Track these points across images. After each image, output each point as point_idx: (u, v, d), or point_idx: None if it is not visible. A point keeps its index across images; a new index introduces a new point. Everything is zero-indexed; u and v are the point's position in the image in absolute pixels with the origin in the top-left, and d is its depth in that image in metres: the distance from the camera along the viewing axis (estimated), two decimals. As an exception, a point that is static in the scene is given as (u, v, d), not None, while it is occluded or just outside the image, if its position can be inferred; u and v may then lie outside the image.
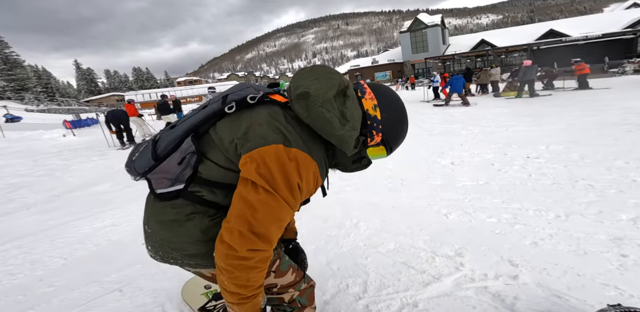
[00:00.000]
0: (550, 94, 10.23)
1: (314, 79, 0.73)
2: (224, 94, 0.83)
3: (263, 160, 0.66)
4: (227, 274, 0.68)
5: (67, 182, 4.51)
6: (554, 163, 3.29)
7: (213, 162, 0.75)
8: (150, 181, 0.80)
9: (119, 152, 7.03)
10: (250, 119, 0.73)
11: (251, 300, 0.73)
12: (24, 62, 52.44)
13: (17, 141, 9.75)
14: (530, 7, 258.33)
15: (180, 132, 0.78)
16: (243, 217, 0.65)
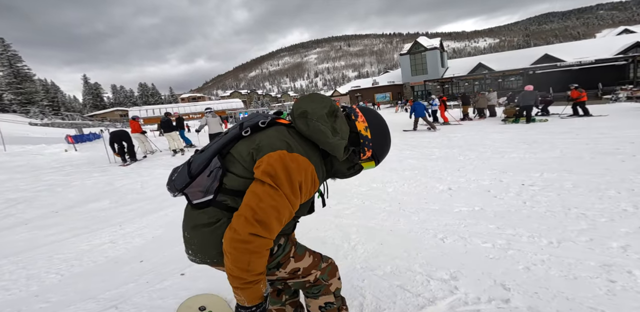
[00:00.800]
0: (547, 119, 10.43)
1: (310, 102, 0.95)
2: (240, 123, 1.02)
3: (270, 162, 0.83)
4: (230, 257, 0.80)
5: (67, 198, 4.54)
6: (548, 191, 3.37)
7: (234, 174, 0.91)
8: (187, 194, 0.97)
9: (119, 168, 7.08)
10: (262, 135, 0.93)
11: (253, 285, 0.84)
12: (34, 76, 53.74)
13: (19, 155, 9.84)
14: (525, 31, 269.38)
15: (209, 154, 0.96)
16: (249, 206, 0.80)
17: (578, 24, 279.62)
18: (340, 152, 0.94)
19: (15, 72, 50.03)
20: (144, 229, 3.22)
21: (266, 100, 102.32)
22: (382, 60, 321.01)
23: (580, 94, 10.49)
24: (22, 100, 49.69)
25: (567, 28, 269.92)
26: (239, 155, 0.91)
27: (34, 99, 50.93)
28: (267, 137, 0.91)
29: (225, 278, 2.15)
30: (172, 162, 7.66)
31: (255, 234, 0.78)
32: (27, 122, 36.36)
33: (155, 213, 3.72)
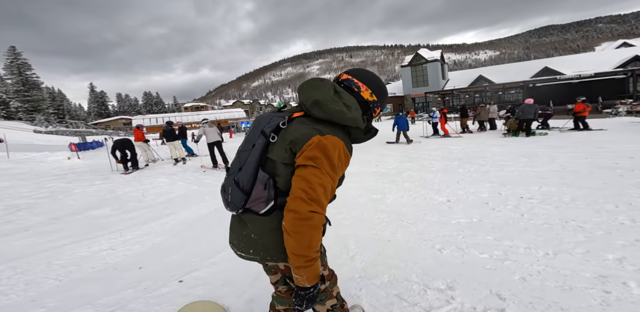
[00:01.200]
0: (547, 133, 10.45)
1: (314, 89, 1.02)
2: (259, 130, 1.05)
3: (309, 149, 0.92)
4: (295, 236, 0.89)
5: (68, 205, 4.56)
6: (546, 204, 3.39)
7: (282, 175, 1.00)
8: (251, 208, 1.05)
9: (121, 176, 7.12)
10: (290, 131, 0.99)
11: (313, 263, 0.94)
12: (42, 84, 54.54)
13: (22, 162, 9.92)
14: (525, 44, 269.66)
15: (252, 171, 1.02)
16: (300, 188, 0.90)
17: (577, 36, 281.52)
18: (361, 123, 1.05)
19: (23, 80, 50.87)
20: (144, 236, 3.24)
21: (268, 110, 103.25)
22: (384, 71, 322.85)
23: (584, 108, 10.46)
24: (29, 108, 50.28)
25: (566, 41, 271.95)
26: (277, 157, 0.99)
27: (40, 106, 51.49)
28: (295, 130, 0.98)
29: (222, 285, 2.15)
30: (173, 171, 7.71)
31: (313, 211, 0.89)
32: (31, 130, 36.80)
33: (155, 221, 3.74)
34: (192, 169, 7.97)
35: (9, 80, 50.70)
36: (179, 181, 6.22)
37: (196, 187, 5.67)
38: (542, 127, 12.16)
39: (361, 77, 1.10)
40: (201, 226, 3.52)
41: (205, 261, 2.55)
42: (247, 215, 1.07)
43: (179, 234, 3.31)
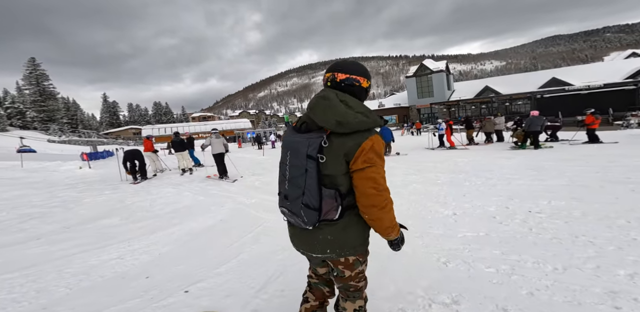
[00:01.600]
0: (552, 146, 10.30)
1: (327, 112, 1.09)
2: (303, 154, 1.14)
3: (363, 154, 1.08)
4: (381, 220, 1.15)
5: (79, 215, 4.66)
6: (555, 219, 3.35)
7: (343, 184, 1.14)
8: (324, 220, 1.17)
9: (130, 186, 7.25)
10: (338, 147, 1.10)
11: (396, 227, 1.23)
12: (58, 95, 56.19)
13: (36, 171, 10.18)
14: (532, 54, 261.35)
15: (316, 192, 1.13)
16: (371, 187, 1.09)
17: (585, 46, 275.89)
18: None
19: (41, 90, 52.50)
20: (152, 246, 3.28)
21: (273, 120, 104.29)
22: (389, 82, 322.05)
23: (594, 120, 10.28)
24: (44, 117, 51.64)
25: (574, 51, 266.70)
26: (336, 172, 1.12)
27: (55, 116, 52.86)
28: (342, 145, 1.09)
29: (227, 296, 2.17)
30: (180, 181, 7.81)
31: (386, 199, 1.12)
32: (45, 139, 37.84)
33: (162, 231, 3.79)
34: (198, 179, 8.08)
35: (27, 91, 52.49)
36: (185, 191, 6.31)
37: (202, 197, 5.73)
38: (550, 139, 12.01)
39: (353, 70, 1.19)
40: (207, 237, 3.55)
41: (210, 271, 2.57)
42: (321, 224, 1.19)
43: (185, 244, 3.35)
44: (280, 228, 3.73)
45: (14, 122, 49.38)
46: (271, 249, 3.10)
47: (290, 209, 1.22)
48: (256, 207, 4.79)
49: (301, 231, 1.24)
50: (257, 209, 4.68)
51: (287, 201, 1.24)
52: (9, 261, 2.99)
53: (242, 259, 2.89)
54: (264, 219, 4.17)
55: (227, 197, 5.69)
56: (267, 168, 9.53)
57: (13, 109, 50.14)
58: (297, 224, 1.22)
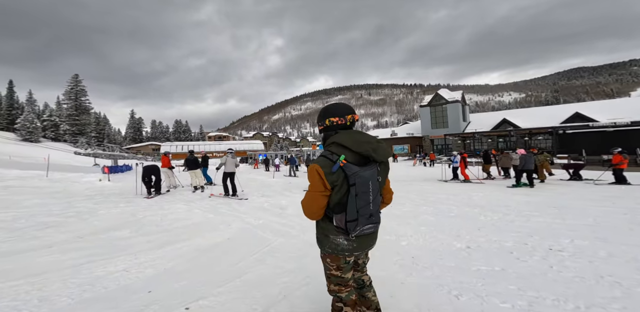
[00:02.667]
0: (534, 185, 9.94)
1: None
2: (376, 180, 1.53)
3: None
4: (391, 199, 1.79)
5: (93, 225, 4.75)
6: (578, 258, 3.16)
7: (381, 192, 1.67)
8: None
9: (144, 200, 7.39)
10: (383, 170, 1.62)
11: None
12: (92, 110, 59.73)
13: (58, 182, 10.60)
14: (554, 86, 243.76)
15: (379, 201, 1.59)
16: (391, 187, 1.80)
17: (610, 80, 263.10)
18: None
19: (77, 105, 56.03)
20: (158, 260, 3.27)
21: (285, 143, 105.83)
22: (402, 110, 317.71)
23: (622, 160, 9.86)
24: (75, 131, 54.60)
25: (598, 84, 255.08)
26: (382, 185, 1.60)
27: (85, 130, 55.79)
28: (385, 168, 1.62)
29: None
30: (191, 198, 7.91)
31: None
32: (72, 151, 39.70)
33: (170, 246, 3.79)
34: (208, 197, 8.17)
35: (65, 105, 56.26)
36: (195, 208, 6.36)
37: (212, 215, 5.76)
38: (574, 178, 11.61)
39: (326, 115, 1.63)
40: (213, 254, 3.52)
41: (213, 289, 2.52)
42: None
43: (190, 260, 3.32)
44: (285, 250, 3.67)
45: (47, 134, 52.47)
46: (276, 271, 3.03)
47: (376, 221, 1.54)
48: (263, 228, 4.76)
49: (372, 233, 1.61)
50: (264, 230, 4.64)
51: (373, 218, 1.52)
52: (19, 268, 3.04)
53: (246, 279, 2.83)
54: (270, 240, 4.12)
55: (235, 216, 5.69)
56: (277, 190, 9.55)
57: (49, 121, 53.56)
58: (375, 229, 1.58)
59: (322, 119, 1.62)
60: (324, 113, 1.62)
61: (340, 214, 1.49)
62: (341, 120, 1.56)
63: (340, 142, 1.50)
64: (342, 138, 1.51)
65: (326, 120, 1.59)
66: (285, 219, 5.36)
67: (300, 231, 4.53)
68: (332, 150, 1.50)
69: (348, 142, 1.48)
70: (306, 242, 3.98)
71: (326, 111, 1.62)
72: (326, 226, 1.58)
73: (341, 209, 1.48)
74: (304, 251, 3.64)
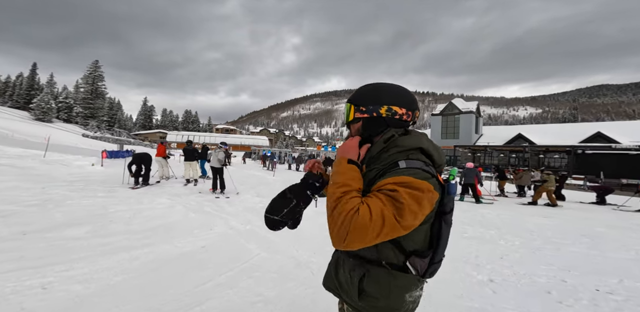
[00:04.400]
0: (492, 202, 9.49)
1: None
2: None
3: None
4: None
5: (50, 219, 4.09)
6: (636, 304, 2.54)
7: None
8: None
9: (127, 191, 6.78)
10: None
11: None
12: (107, 95, 60.81)
13: (49, 164, 10.10)
14: (573, 104, 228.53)
15: None
16: None
17: (634, 100, 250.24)
18: None
19: (93, 89, 57.24)
20: (102, 272, 2.62)
21: (291, 142, 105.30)
22: None
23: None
24: (87, 114, 55.65)
25: (621, 104, 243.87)
26: None
27: (97, 114, 56.86)
28: None
29: None
30: (179, 192, 7.29)
31: None
32: (80, 134, 39.86)
33: (128, 252, 3.13)
34: (199, 191, 7.58)
35: (82, 89, 57.31)
36: (179, 205, 5.71)
37: (194, 214, 5.10)
38: (598, 202, 10.70)
39: None
40: (175, 268, 2.85)
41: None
42: None
43: (145, 274, 2.66)
44: (267, 269, 3.00)
45: (60, 115, 53.26)
46: (250, 299, 2.39)
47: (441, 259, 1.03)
48: (248, 236, 4.08)
49: None
50: (248, 239, 3.97)
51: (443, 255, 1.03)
52: None
53: (208, 308, 2.18)
54: (253, 253, 3.45)
55: (220, 218, 5.03)
56: (275, 189, 8.86)
57: (64, 103, 54.37)
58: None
59: (377, 102, 1.02)
60: (386, 95, 1.03)
61: (426, 255, 0.97)
62: (408, 116, 1.04)
63: (428, 150, 0.97)
64: (428, 144, 0.99)
65: (387, 106, 1.02)
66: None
67: (289, 244, 3.84)
68: (421, 160, 0.93)
69: (435, 152, 0.99)
70: (293, 260, 3.30)
71: (389, 93, 1.04)
72: (401, 279, 0.96)
73: (429, 247, 0.99)
74: (289, 272, 2.97)
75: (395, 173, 0.86)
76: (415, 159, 0.91)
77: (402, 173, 0.86)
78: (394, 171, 0.87)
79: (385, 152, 0.96)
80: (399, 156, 0.93)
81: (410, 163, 0.89)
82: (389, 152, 0.95)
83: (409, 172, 0.86)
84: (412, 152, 0.94)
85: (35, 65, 59.82)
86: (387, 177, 0.86)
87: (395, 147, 0.95)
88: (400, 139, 0.97)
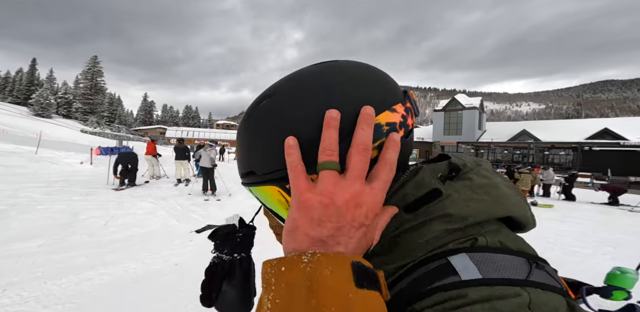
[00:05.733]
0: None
1: None
2: None
3: None
4: None
5: (6, 229, 3.66)
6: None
7: None
8: None
9: (109, 193, 6.34)
10: None
11: None
12: (107, 90, 60.71)
13: (38, 161, 9.70)
14: (577, 99, 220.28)
15: None
16: None
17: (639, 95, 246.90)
18: None
19: (92, 85, 57.08)
20: (40, 299, 2.15)
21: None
22: None
23: None
24: (87, 109, 55.57)
25: (625, 99, 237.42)
26: None
27: (97, 109, 56.78)
28: None
29: None
30: (166, 194, 6.85)
31: None
32: (79, 129, 39.60)
33: (81, 273, 2.67)
34: (188, 193, 7.13)
35: (81, 85, 57.13)
36: (161, 210, 5.25)
37: (175, 222, 4.63)
38: (610, 202, 10.13)
39: None
40: (136, 295, 2.38)
41: None
42: None
43: (94, 303, 2.20)
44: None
45: (59, 110, 53.13)
46: None
47: None
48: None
49: None
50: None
51: None
52: None
53: None
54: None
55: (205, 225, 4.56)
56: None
57: (63, 99, 54.22)
58: None
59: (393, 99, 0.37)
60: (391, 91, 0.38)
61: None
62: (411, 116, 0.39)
63: (521, 218, 0.39)
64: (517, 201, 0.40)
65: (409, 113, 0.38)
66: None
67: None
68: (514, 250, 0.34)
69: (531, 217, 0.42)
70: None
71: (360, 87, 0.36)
72: None
73: None
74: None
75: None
76: (498, 248, 0.33)
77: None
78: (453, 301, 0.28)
79: (414, 230, 0.36)
80: (450, 238, 0.35)
81: (491, 263, 0.31)
82: (425, 232, 0.35)
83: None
84: (488, 229, 0.36)
85: (34, 60, 59.72)
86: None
87: (441, 216, 0.35)
88: (450, 191, 0.37)
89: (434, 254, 0.33)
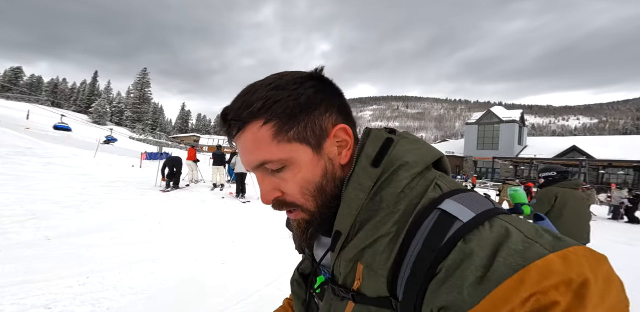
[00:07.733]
0: None
1: None
2: None
3: None
4: None
5: (80, 221, 4.08)
6: None
7: None
8: None
9: (158, 194, 6.84)
10: None
11: None
12: (152, 100, 66.30)
13: (96, 164, 10.69)
14: (637, 113, 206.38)
15: None
16: None
17: None
18: None
19: (141, 95, 62.62)
20: (110, 291, 2.36)
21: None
22: (442, 127, 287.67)
23: None
24: (135, 118, 60.83)
25: None
26: None
27: (143, 118, 61.97)
28: None
29: None
30: (206, 197, 7.30)
31: None
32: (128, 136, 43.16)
33: (147, 266, 2.89)
34: (221, 197, 7.56)
35: (132, 95, 63.00)
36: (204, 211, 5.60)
37: (217, 223, 4.88)
38: None
39: None
40: (199, 290, 2.53)
41: None
42: None
43: (161, 295, 2.37)
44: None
45: (113, 118, 58.67)
46: None
47: None
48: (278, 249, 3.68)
49: None
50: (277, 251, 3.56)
51: None
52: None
53: None
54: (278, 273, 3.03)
55: (242, 227, 4.74)
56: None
57: (117, 108, 59.90)
58: None
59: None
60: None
61: None
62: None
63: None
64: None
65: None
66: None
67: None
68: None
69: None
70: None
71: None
72: None
73: None
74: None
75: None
76: (459, 189, 0.42)
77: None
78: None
79: (389, 184, 0.42)
80: (421, 188, 0.42)
81: (469, 200, 0.39)
82: (398, 183, 0.42)
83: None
84: (438, 175, 0.44)
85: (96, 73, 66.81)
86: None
87: (402, 166, 0.43)
88: (398, 139, 0.47)
89: (422, 207, 0.38)
